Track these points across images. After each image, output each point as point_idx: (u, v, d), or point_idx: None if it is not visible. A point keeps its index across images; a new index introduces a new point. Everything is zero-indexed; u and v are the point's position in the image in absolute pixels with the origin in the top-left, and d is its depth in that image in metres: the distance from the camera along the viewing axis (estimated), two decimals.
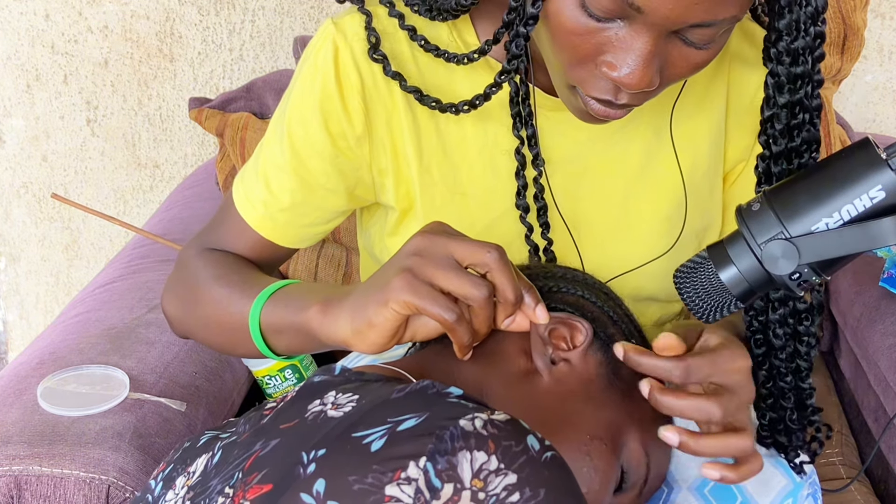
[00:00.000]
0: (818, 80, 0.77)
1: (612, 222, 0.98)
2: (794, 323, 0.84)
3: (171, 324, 1.03)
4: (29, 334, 2.32)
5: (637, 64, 0.75)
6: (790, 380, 0.86)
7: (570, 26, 0.76)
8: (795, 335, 0.85)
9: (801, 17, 0.74)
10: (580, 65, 0.78)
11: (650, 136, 0.97)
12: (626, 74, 0.76)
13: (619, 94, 0.79)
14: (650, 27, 0.74)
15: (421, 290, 0.72)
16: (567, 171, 0.96)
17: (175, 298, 1.01)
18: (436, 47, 0.90)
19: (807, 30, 0.74)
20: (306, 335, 0.82)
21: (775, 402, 0.89)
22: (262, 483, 0.62)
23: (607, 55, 0.76)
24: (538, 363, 0.80)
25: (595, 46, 0.76)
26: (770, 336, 0.85)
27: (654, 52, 0.75)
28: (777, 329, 0.84)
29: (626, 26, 0.75)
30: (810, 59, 0.75)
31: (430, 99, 0.90)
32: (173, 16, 2.00)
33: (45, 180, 2.17)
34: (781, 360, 0.86)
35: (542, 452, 0.59)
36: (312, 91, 0.93)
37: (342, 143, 0.94)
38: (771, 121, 0.78)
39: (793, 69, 0.75)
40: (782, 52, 0.75)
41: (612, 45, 0.76)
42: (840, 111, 1.87)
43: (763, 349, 0.86)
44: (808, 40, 0.75)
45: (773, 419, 0.90)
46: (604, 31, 0.75)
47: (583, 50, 0.77)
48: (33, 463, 1.01)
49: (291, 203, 0.97)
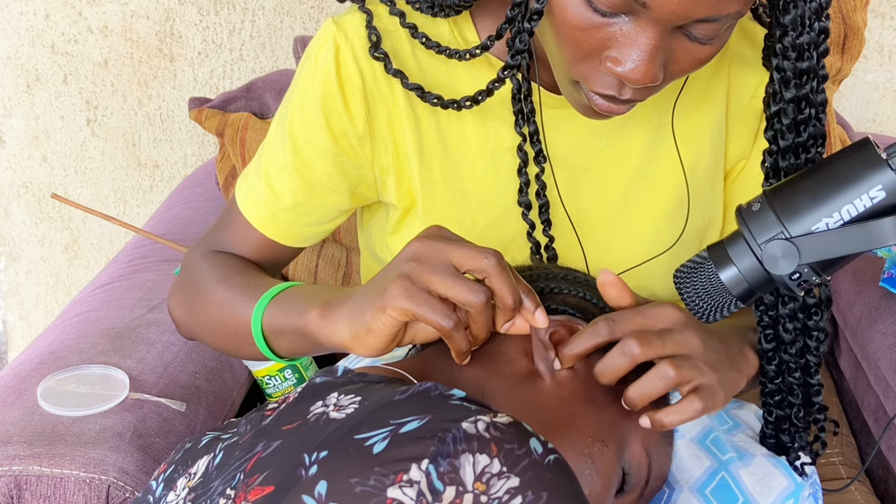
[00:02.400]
0: (823, 76, 0.77)
1: (614, 219, 0.98)
2: (804, 318, 0.84)
3: (177, 326, 1.04)
4: (29, 334, 2.32)
5: (642, 59, 0.75)
6: (799, 375, 0.86)
7: (575, 21, 0.76)
8: (805, 330, 0.85)
9: (805, 12, 0.74)
10: (584, 60, 0.79)
11: (651, 132, 0.97)
12: (631, 69, 0.76)
13: (623, 89, 0.79)
14: (655, 22, 0.74)
15: (418, 296, 0.72)
16: (568, 167, 0.96)
17: (180, 301, 1.02)
18: (437, 44, 0.90)
19: (811, 25, 0.75)
20: (307, 338, 0.82)
21: (783, 399, 0.89)
22: (264, 484, 0.62)
23: (612, 50, 0.77)
24: (540, 366, 0.80)
25: (600, 42, 0.77)
26: (780, 331, 0.85)
27: (658, 48, 0.75)
28: (787, 324, 0.84)
29: (630, 21, 0.75)
30: (815, 55, 0.76)
31: (431, 96, 0.91)
32: (173, 16, 2.00)
33: (45, 180, 2.17)
34: (791, 356, 0.86)
35: (545, 455, 0.59)
36: (314, 90, 0.93)
37: (344, 142, 0.94)
38: (778, 116, 0.78)
39: (798, 64, 0.76)
40: (788, 48, 0.75)
41: (616, 41, 0.76)
42: (840, 111, 1.87)
43: (773, 344, 0.86)
44: (812, 35, 0.75)
45: (779, 417, 0.90)
46: (609, 26, 0.76)
47: (587, 45, 0.77)
48: (33, 463, 1.01)
49: (293, 202, 0.97)
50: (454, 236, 0.76)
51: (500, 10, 0.90)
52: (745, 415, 0.99)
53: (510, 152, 0.94)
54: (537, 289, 0.86)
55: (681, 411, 0.76)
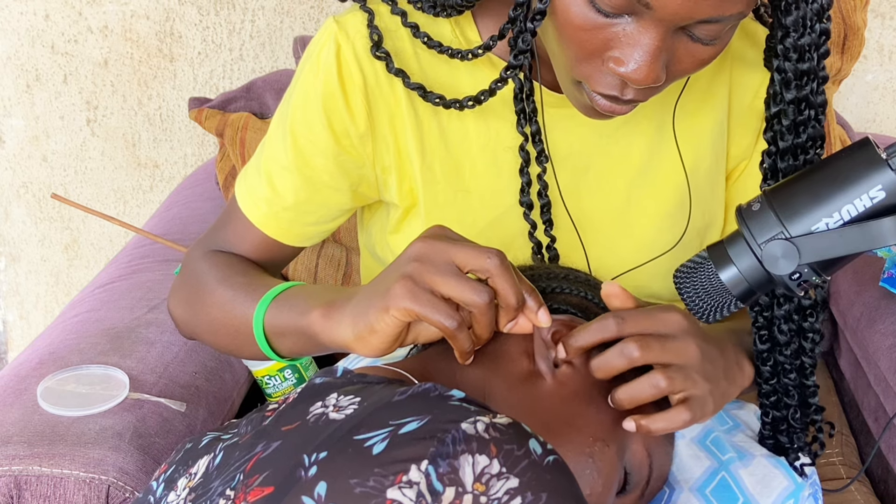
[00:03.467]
0: (823, 77, 0.77)
1: (616, 219, 0.98)
2: (799, 319, 0.84)
3: (178, 325, 1.04)
4: (29, 334, 2.32)
5: (644, 59, 0.75)
6: (794, 377, 0.86)
7: (577, 22, 0.76)
8: (800, 331, 0.85)
9: (807, 13, 0.74)
10: (587, 60, 0.79)
11: (653, 132, 0.97)
12: (634, 70, 0.76)
13: (626, 89, 0.79)
14: (658, 23, 0.74)
15: (421, 297, 0.72)
16: (570, 167, 0.96)
17: (181, 301, 1.02)
18: (439, 44, 0.90)
19: (812, 27, 0.75)
20: (309, 338, 0.82)
21: (779, 401, 0.89)
22: (264, 485, 0.62)
23: (615, 51, 0.77)
24: (541, 366, 0.80)
25: (602, 42, 0.77)
26: (775, 332, 0.85)
27: (661, 48, 0.75)
28: (782, 325, 0.84)
29: (633, 22, 0.75)
30: (816, 56, 0.76)
31: (433, 95, 0.91)
32: (173, 16, 2.00)
33: (45, 180, 2.17)
34: (786, 357, 0.86)
35: (545, 456, 0.59)
36: (315, 89, 0.93)
37: (345, 142, 0.94)
38: (778, 117, 0.78)
39: (799, 65, 0.76)
40: (789, 49, 0.75)
41: (619, 41, 0.76)
42: (840, 111, 1.87)
43: (768, 345, 0.86)
44: (813, 37, 0.75)
45: (776, 418, 0.90)
46: (611, 26, 0.76)
47: (590, 45, 0.77)
48: (33, 463, 1.01)
49: (295, 201, 0.97)
50: (457, 236, 0.76)
51: (502, 10, 0.90)
52: (745, 415, 0.99)
53: (512, 151, 0.94)
54: (539, 288, 0.86)
55: (668, 419, 0.77)
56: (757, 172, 0.98)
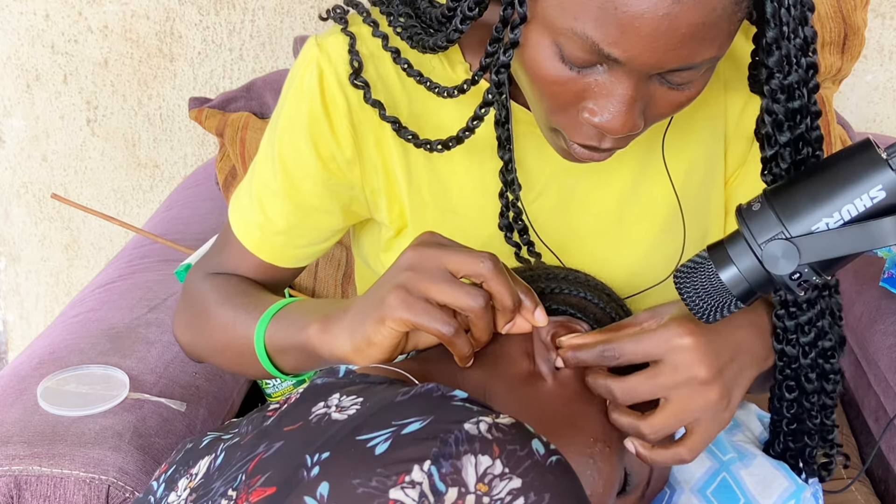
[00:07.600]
0: (816, 112, 0.74)
1: (607, 237, 0.96)
2: (822, 362, 0.84)
3: (184, 349, 1.04)
4: (29, 334, 2.32)
5: (619, 110, 0.73)
6: (817, 419, 0.87)
7: (548, 76, 0.74)
8: (822, 375, 0.84)
9: (790, 51, 0.72)
10: (561, 111, 0.77)
11: (643, 143, 0.95)
12: (609, 120, 0.74)
13: (604, 139, 0.77)
14: (630, 73, 0.72)
15: (416, 306, 0.72)
16: (554, 190, 0.94)
17: (184, 325, 1.02)
18: (419, 73, 0.87)
19: (798, 63, 0.72)
20: (309, 353, 0.82)
21: (797, 440, 0.89)
22: (266, 486, 0.62)
23: (589, 101, 0.74)
24: (541, 367, 0.80)
25: (575, 94, 0.74)
26: (802, 381, 0.84)
27: (635, 97, 0.73)
28: (809, 374, 0.84)
29: (606, 72, 0.73)
30: (805, 92, 0.73)
31: (407, 132, 0.88)
32: (173, 16, 2.00)
33: (45, 180, 2.17)
34: (811, 403, 0.86)
35: (547, 457, 0.59)
36: (300, 115, 0.91)
37: (333, 166, 0.93)
38: (775, 159, 0.75)
39: (790, 105, 0.73)
40: (776, 90, 0.73)
41: (592, 92, 0.74)
42: (840, 111, 1.87)
43: (795, 394, 0.85)
44: (800, 73, 0.72)
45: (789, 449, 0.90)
46: (583, 78, 0.73)
47: (563, 98, 0.75)
48: (33, 463, 1.01)
49: (287, 226, 0.96)
50: (448, 241, 0.76)
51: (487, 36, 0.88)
52: (745, 415, 0.99)
53: (496, 173, 0.93)
54: (538, 289, 0.86)
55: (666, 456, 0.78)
56: (754, 173, 0.97)
